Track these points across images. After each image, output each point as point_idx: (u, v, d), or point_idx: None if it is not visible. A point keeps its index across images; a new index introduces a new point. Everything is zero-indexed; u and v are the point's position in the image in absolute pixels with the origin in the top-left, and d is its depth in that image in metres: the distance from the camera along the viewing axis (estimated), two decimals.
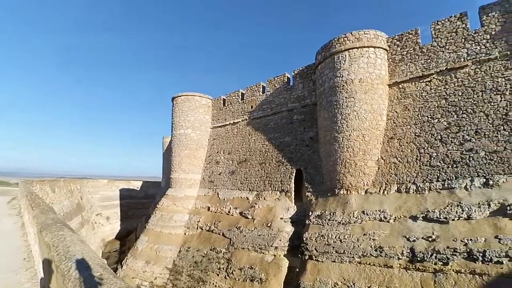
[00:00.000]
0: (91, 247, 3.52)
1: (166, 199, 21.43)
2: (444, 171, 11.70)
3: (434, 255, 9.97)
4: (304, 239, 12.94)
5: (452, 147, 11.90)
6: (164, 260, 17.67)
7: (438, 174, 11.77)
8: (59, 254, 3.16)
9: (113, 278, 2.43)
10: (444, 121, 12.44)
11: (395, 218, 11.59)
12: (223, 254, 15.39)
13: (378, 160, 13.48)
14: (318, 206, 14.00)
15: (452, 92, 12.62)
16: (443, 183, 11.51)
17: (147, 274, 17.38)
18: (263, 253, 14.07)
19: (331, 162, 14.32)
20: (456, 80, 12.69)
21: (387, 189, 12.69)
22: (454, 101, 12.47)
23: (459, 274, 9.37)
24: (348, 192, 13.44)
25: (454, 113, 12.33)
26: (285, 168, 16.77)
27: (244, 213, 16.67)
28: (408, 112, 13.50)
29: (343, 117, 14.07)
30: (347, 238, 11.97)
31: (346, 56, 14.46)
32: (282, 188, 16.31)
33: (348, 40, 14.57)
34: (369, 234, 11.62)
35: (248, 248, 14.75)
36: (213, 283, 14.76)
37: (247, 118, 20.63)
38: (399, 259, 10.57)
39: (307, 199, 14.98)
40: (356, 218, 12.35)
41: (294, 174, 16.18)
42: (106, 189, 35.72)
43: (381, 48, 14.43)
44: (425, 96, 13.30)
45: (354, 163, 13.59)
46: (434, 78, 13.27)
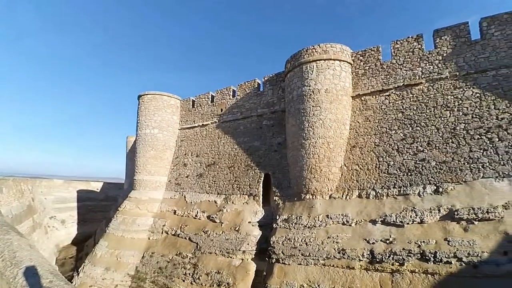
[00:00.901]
0: (42, 253, 3.23)
1: (129, 201, 20.43)
2: (400, 178, 12.53)
3: (392, 256, 10.63)
4: (271, 242, 13.11)
5: (407, 157, 12.78)
6: (126, 267, 16.80)
7: (395, 181, 12.58)
8: (4, 260, 2.90)
9: (64, 286, 2.26)
10: (401, 132, 13.32)
11: (357, 222, 12.18)
12: (190, 259, 15.02)
13: (341, 167, 14.08)
14: (285, 210, 14.26)
15: (408, 107, 13.55)
16: (399, 189, 12.32)
17: (106, 282, 16.39)
18: (231, 257, 13.99)
19: (298, 168, 14.68)
20: (412, 95, 13.67)
21: (349, 194, 13.29)
22: (410, 114, 13.41)
23: (413, 273, 10.10)
24: (314, 197, 13.86)
25: (409, 125, 13.24)
26: (253, 172, 16.85)
27: (212, 217, 16.44)
28: (369, 123, 14.26)
29: (309, 124, 14.50)
30: (313, 241, 12.34)
31: (313, 66, 14.94)
32: (251, 192, 16.37)
33: (316, 51, 15.07)
34: (333, 237, 12.07)
35: (215, 253, 14.55)
36: None
37: (217, 121, 20.44)
38: (360, 260, 11.12)
39: (275, 203, 15.21)
40: (321, 222, 12.77)
41: (263, 179, 16.35)
42: (61, 190, 32.98)
43: (346, 61, 15.13)
44: (384, 109, 14.14)
45: (319, 169, 14.04)
46: (392, 92, 14.17)
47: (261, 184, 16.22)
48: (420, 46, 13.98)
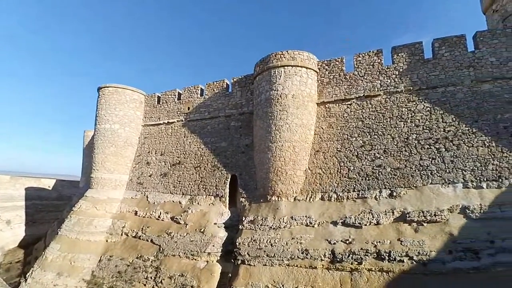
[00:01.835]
0: None
1: (85, 201, 18.96)
2: (359, 182, 13.17)
3: (351, 256, 11.14)
4: (237, 244, 13.02)
5: (365, 163, 13.47)
6: (81, 271, 15.52)
7: (354, 185, 13.20)
8: None
9: None
10: (360, 139, 14.01)
11: (319, 223, 12.57)
12: (152, 262, 14.31)
13: (306, 170, 14.44)
14: (251, 211, 14.26)
15: (367, 116, 14.30)
16: (358, 193, 12.95)
17: None
18: (195, 259, 13.61)
19: (265, 170, 14.77)
20: (371, 106, 14.43)
21: (312, 197, 13.68)
22: (369, 123, 14.15)
23: (370, 272, 10.68)
24: (279, 199, 14.04)
25: (368, 133, 13.98)
26: (220, 173, 16.60)
27: (176, 218, 15.85)
28: (332, 129, 14.79)
29: (276, 128, 14.67)
30: (277, 242, 12.48)
31: (281, 72, 15.14)
32: (217, 193, 16.09)
33: (284, 57, 15.30)
34: (297, 238, 12.32)
35: (179, 255, 14.05)
36: None
37: (183, 119, 19.76)
38: (322, 260, 11.50)
39: (241, 205, 15.13)
40: (285, 223, 12.96)
41: (229, 180, 16.14)
42: (8, 187, 29.41)
43: (312, 69, 15.55)
44: (346, 116, 14.77)
45: (285, 172, 14.26)
46: (354, 102, 14.85)
47: (227, 185, 16.02)
48: (379, 60, 14.82)
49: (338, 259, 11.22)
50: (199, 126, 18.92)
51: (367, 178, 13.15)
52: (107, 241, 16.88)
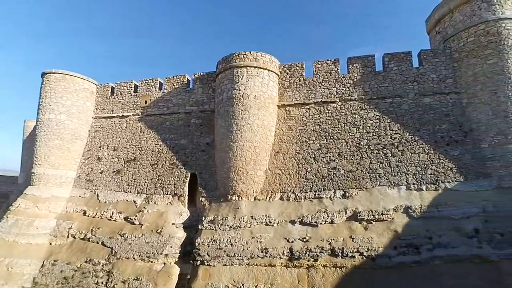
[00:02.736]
0: None
1: (25, 199, 16.76)
2: (316, 183, 13.74)
3: (308, 253, 11.60)
4: (196, 244, 12.69)
5: (322, 165, 14.08)
6: (20, 278, 13.67)
7: (311, 186, 13.73)
8: None
9: None
10: (317, 143, 14.59)
11: (278, 222, 12.84)
12: (103, 266, 13.19)
13: (266, 170, 14.62)
14: (211, 211, 14.01)
15: (324, 121, 14.93)
16: (314, 193, 13.51)
17: None
18: (152, 261, 12.90)
19: (225, 169, 14.62)
20: (328, 111, 15.09)
21: (272, 196, 13.92)
22: (325, 128, 14.78)
23: (325, 268, 11.24)
24: (240, 198, 14.01)
25: (324, 137, 14.61)
26: (179, 171, 15.94)
27: (130, 218, 14.81)
28: (291, 132, 15.16)
29: (238, 127, 14.58)
30: (238, 241, 12.46)
31: (244, 72, 15.07)
32: (176, 192, 15.43)
33: (247, 58, 15.25)
34: (256, 237, 12.44)
35: (134, 258, 13.17)
36: None
37: (140, 113, 18.44)
38: (280, 258, 11.78)
39: (201, 204, 14.76)
40: (246, 222, 13.00)
41: (189, 178, 15.58)
42: None
43: (274, 72, 15.74)
44: (304, 120, 15.23)
45: (246, 171, 14.27)
46: (312, 106, 15.37)
47: (187, 184, 15.45)
48: (336, 69, 15.53)
49: (296, 257, 11.59)
50: (157, 121, 17.89)
51: (323, 180, 13.77)
52: (51, 244, 15.10)
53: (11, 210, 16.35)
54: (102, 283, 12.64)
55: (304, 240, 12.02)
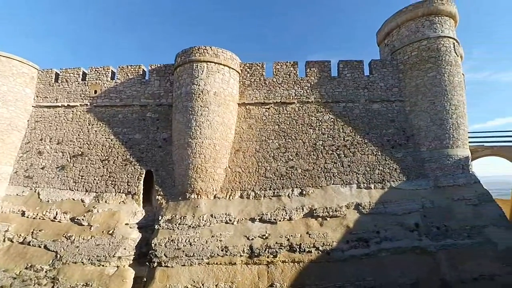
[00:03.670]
0: None
1: None
2: (275, 182, 14.00)
3: (267, 250, 11.79)
4: (152, 245, 12.00)
5: (280, 164, 14.38)
6: None
7: (271, 184, 13.95)
8: None
9: None
10: (276, 142, 14.84)
11: (238, 220, 12.82)
12: (46, 272, 11.64)
13: (226, 168, 14.44)
14: (168, 210, 13.36)
15: (283, 121, 15.24)
16: (273, 191, 13.76)
17: None
18: (103, 265, 11.81)
19: (184, 167, 14.07)
20: (286, 112, 15.42)
21: (232, 194, 13.82)
22: (284, 128, 15.10)
23: (284, 263, 11.55)
24: (199, 197, 13.63)
25: (283, 137, 14.93)
26: (133, 168, 14.83)
27: (77, 219, 13.32)
28: (251, 130, 15.18)
29: (197, 124, 14.16)
30: (197, 241, 12.13)
31: (204, 67, 14.66)
32: (129, 190, 14.33)
33: (207, 53, 14.86)
34: (216, 236, 12.24)
35: (82, 262, 11.89)
36: None
37: (88, 103, 16.62)
38: (241, 256, 11.79)
39: (158, 203, 13.96)
40: (205, 221, 12.71)
41: (144, 176, 14.60)
42: None
43: (235, 70, 15.56)
44: (264, 119, 15.36)
45: (205, 169, 13.91)
46: (272, 106, 15.55)
47: (142, 182, 14.46)
48: (295, 71, 15.92)
49: (256, 254, 11.71)
50: (108, 113, 16.33)
51: (282, 178, 14.08)
52: None
53: None
54: None
55: (264, 237, 12.19)
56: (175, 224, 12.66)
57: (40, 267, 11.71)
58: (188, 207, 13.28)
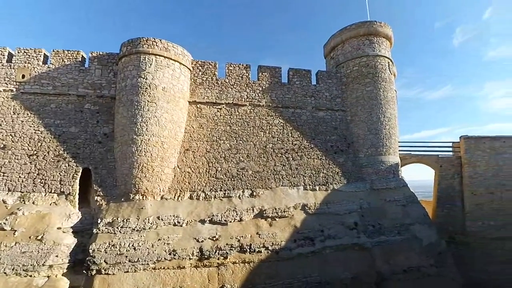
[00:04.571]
0: None
1: None
2: (225, 183, 13.94)
3: (218, 251, 11.68)
4: (90, 251, 10.84)
5: (231, 165, 14.39)
6: None
7: (221, 185, 13.85)
8: None
9: None
10: (228, 143, 14.81)
11: (187, 222, 12.41)
12: None
13: (174, 168, 13.86)
14: (109, 212, 12.19)
15: (235, 122, 15.27)
16: (224, 192, 13.70)
17: None
18: (31, 275, 10.20)
19: (127, 165, 13.04)
20: (238, 113, 15.50)
21: (181, 195, 13.32)
22: (236, 129, 15.16)
23: (235, 264, 11.59)
24: (144, 198, 12.78)
25: (234, 138, 14.97)
26: (67, 165, 13.08)
27: None
28: (202, 130, 14.86)
29: (143, 120, 13.33)
30: (142, 245, 11.38)
31: (153, 60, 13.91)
32: (62, 189, 12.59)
33: (157, 45, 14.13)
34: (164, 239, 11.67)
35: (5, 272, 10.10)
36: None
37: (14, 89, 14.10)
38: (190, 259, 11.47)
39: (97, 205, 12.60)
40: (151, 224, 11.99)
41: (80, 174, 12.98)
42: None
43: (186, 66, 15.08)
44: (216, 120, 15.19)
45: (151, 168, 13.12)
46: (223, 107, 15.46)
47: (77, 181, 12.86)
48: (247, 74, 16.10)
49: (206, 256, 11.52)
50: (38, 102, 14.09)
51: (233, 179, 14.09)
52: None
53: None
54: None
55: (214, 238, 12.05)
56: (117, 227, 11.61)
57: None
58: (132, 208, 12.32)
